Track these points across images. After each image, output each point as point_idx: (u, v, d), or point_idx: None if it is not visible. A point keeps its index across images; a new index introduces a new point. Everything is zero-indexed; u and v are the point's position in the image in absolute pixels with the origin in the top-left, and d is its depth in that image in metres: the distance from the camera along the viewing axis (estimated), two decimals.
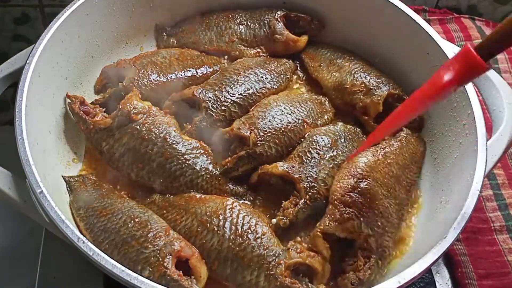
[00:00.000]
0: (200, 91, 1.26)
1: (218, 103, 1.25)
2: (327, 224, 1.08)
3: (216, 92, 1.27)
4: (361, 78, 1.32)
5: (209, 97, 1.25)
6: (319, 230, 1.08)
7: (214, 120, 1.24)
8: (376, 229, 1.08)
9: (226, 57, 1.42)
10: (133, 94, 1.23)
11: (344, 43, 1.44)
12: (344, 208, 1.09)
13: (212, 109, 1.25)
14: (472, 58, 0.91)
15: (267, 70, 1.35)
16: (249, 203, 1.18)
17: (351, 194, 1.10)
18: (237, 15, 1.44)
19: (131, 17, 1.40)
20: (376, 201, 1.10)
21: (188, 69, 1.35)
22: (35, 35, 1.70)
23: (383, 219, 1.09)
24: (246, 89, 1.29)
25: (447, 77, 0.94)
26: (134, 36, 1.43)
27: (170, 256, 1.01)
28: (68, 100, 1.25)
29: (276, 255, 1.05)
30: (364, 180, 1.12)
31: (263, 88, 1.32)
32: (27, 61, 1.15)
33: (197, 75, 1.35)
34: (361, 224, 1.07)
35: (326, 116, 1.32)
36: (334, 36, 1.45)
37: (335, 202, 1.10)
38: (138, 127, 1.18)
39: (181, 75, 1.34)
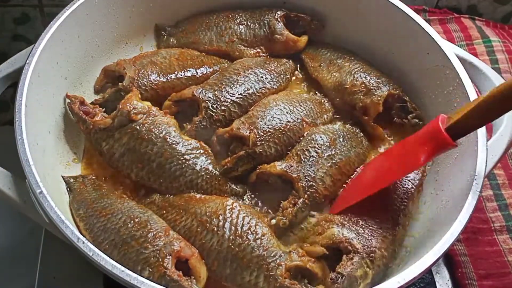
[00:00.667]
0: (199, 91, 1.26)
1: (218, 103, 1.25)
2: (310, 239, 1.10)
3: (216, 92, 1.26)
4: (361, 78, 1.32)
5: (208, 97, 1.25)
6: (305, 245, 1.10)
7: (214, 120, 1.24)
8: (361, 231, 1.08)
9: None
10: (133, 94, 1.22)
11: (344, 43, 1.44)
12: (325, 223, 1.11)
13: (211, 109, 1.24)
14: (441, 139, 1.00)
15: (267, 70, 1.35)
16: (249, 203, 1.18)
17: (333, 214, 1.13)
18: (237, 15, 1.44)
19: (131, 17, 1.39)
20: (360, 211, 1.11)
21: (188, 69, 1.35)
22: (34, 35, 1.70)
23: (369, 224, 1.09)
24: (246, 89, 1.29)
25: (422, 158, 1.03)
26: (134, 36, 1.43)
27: (170, 257, 1.01)
28: (67, 100, 1.25)
29: (276, 256, 1.05)
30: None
31: (263, 88, 1.32)
32: (27, 61, 1.15)
33: (197, 75, 1.35)
34: (343, 230, 1.08)
35: (325, 116, 1.32)
36: (334, 36, 1.45)
37: (321, 222, 1.12)
38: (138, 127, 1.18)
39: (181, 75, 1.34)
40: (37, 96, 1.15)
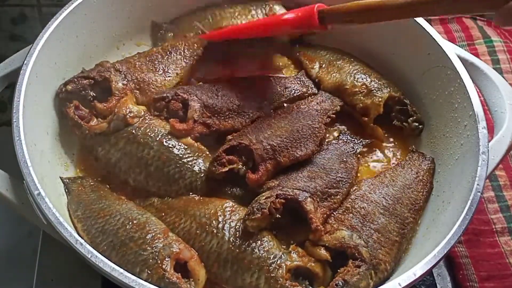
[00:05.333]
0: None
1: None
2: (317, 236, 1.08)
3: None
4: (362, 79, 1.31)
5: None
6: (310, 241, 1.08)
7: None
8: (370, 241, 1.07)
9: None
10: (128, 98, 1.22)
11: (344, 44, 1.43)
12: (335, 223, 1.10)
13: None
14: (311, 16, 1.15)
15: None
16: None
17: (344, 214, 1.12)
18: (235, 9, 1.43)
19: (129, 17, 1.39)
20: (371, 218, 1.11)
21: None
22: (32, 35, 1.67)
23: (379, 234, 1.09)
24: None
25: (286, 16, 1.24)
26: (132, 36, 1.42)
27: (169, 259, 1.00)
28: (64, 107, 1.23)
29: (277, 257, 1.04)
30: (358, 201, 1.14)
31: None
32: (25, 61, 1.14)
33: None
34: (353, 235, 1.07)
35: None
36: (334, 38, 1.44)
37: (329, 220, 1.11)
38: (134, 131, 1.17)
39: None
40: (35, 96, 1.15)
